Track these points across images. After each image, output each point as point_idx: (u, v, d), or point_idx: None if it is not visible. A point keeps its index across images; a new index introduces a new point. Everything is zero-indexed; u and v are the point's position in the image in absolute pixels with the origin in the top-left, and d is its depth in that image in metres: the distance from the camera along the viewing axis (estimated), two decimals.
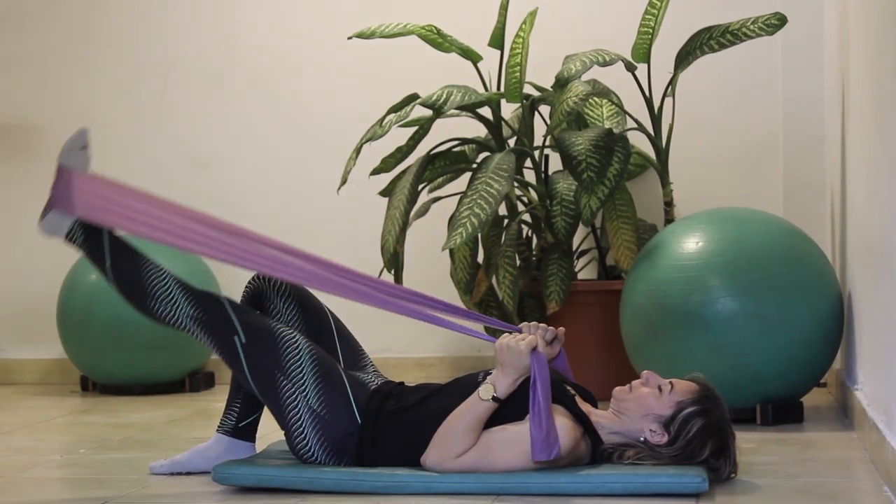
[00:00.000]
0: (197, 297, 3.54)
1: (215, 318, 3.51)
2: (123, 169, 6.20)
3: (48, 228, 3.58)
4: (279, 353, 3.47)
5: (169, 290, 3.53)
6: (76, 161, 3.54)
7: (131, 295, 3.56)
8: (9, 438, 4.52)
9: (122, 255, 3.55)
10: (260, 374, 3.47)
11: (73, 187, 3.44)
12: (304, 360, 3.48)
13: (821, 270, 4.50)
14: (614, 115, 5.43)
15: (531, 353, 3.31)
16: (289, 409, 3.45)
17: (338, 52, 5.98)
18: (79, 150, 3.55)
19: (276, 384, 3.46)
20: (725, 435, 3.37)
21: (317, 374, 3.47)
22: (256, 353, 3.48)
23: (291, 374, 3.46)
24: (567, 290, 5.04)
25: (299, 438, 3.45)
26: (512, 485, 3.28)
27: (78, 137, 3.57)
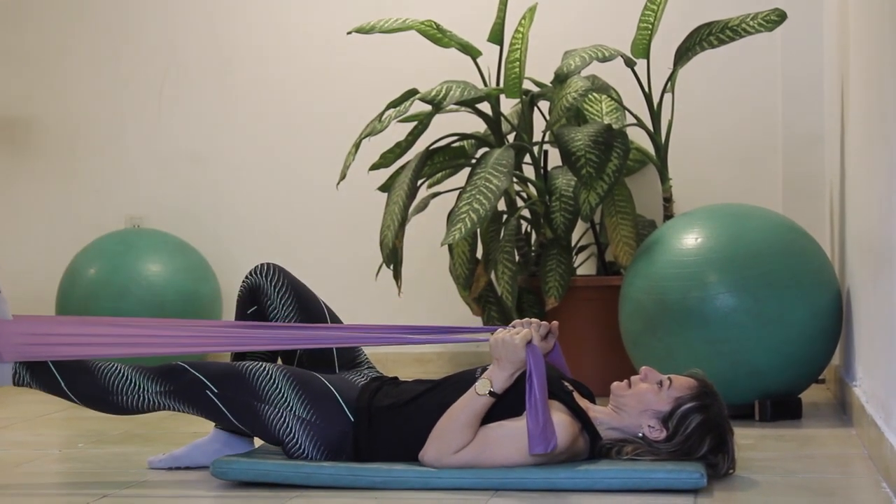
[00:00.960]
0: (158, 373, 3.59)
1: (182, 384, 3.54)
2: (122, 164, 6.21)
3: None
4: (254, 387, 3.49)
5: (127, 378, 3.57)
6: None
7: (97, 401, 3.58)
8: (7, 432, 4.52)
9: (71, 371, 3.56)
10: (243, 414, 3.50)
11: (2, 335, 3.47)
12: (279, 381, 3.49)
13: (820, 267, 4.49)
14: (613, 111, 5.43)
15: (526, 347, 3.31)
16: (278, 427, 3.46)
17: (337, 47, 5.98)
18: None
19: (261, 414, 3.48)
20: (724, 431, 3.37)
21: (296, 388, 3.48)
22: (233, 396, 3.50)
23: (271, 398, 3.48)
24: (566, 286, 5.04)
25: (294, 447, 3.45)
26: (510, 480, 3.28)
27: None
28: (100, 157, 6.25)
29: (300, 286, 3.73)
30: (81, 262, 5.76)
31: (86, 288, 5.66)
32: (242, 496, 3.31)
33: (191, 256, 5.84)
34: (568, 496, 3.22)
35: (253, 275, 3.73)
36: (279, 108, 6.12)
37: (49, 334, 3.52)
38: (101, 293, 5.62)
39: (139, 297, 5.63)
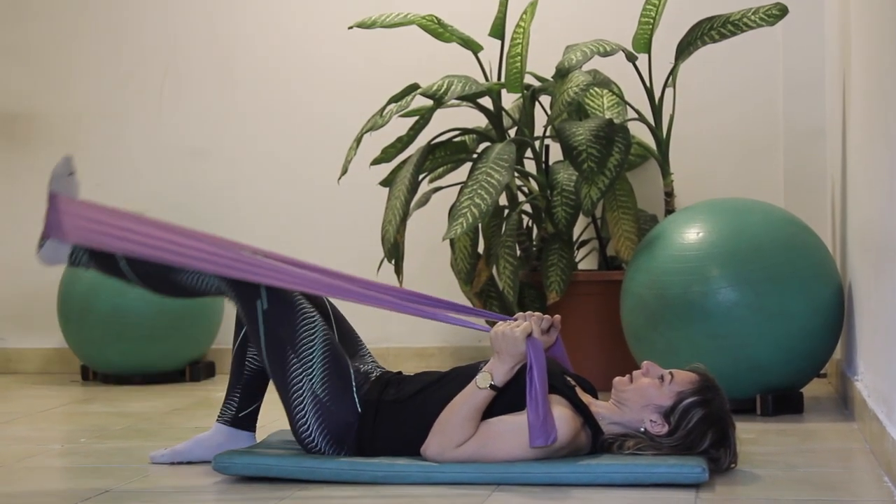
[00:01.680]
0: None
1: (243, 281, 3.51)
2: (124, 159, 6.21)
3: (47, 258, 3.61)
4: (295, 329, 3.48)
5: None
6: (65, 188, 3.58)
7: (157, 278, 3.56)
8: (9, 427, 4.52)
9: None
10: (273, 345, 3.48)
11: (63, 214, 3.49)
12: (317, 344, 3.48)
13: (821, 261, 4.49)
14: (615, 106, 5.43)
15: (527, 340, 3.32)
16: (294, 389, 3.45)
17: (338, 42, 5.97)
18: (66, 176, 3.59)
19: (286, 360, 3.46)
20: (725, 425, 3.38)
21: (326, 359, 3.47)
22: (274, 323, 3.48)
23: (302, 354, 3.46)
24: (567, 281, 5.04)
25: (301, 423, 3.45)
26: (512, 475, 3.28)
27: (63, 165, 3.62)
28: (101, 152, 6.25)
29: None
30: None
31: (87, 284, 5.66)
32: (244, 491, 3.31)
33: None
34: (570, 491, 3.22)
35: None
36: (280, 103, 6.12)
37: (113, 225, 3.49)
38: (102, 288, 5.62)
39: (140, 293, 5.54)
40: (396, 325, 5.86)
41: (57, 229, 3.53)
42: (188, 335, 5.76)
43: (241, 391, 3.70)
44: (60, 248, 3.59)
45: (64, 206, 3.53)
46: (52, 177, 3.58)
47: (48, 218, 3.56)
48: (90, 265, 3.59)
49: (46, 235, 3.58)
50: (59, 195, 3.56)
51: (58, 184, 3.58)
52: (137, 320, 5.61)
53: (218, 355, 5.97)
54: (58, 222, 3.52)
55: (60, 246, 3.58)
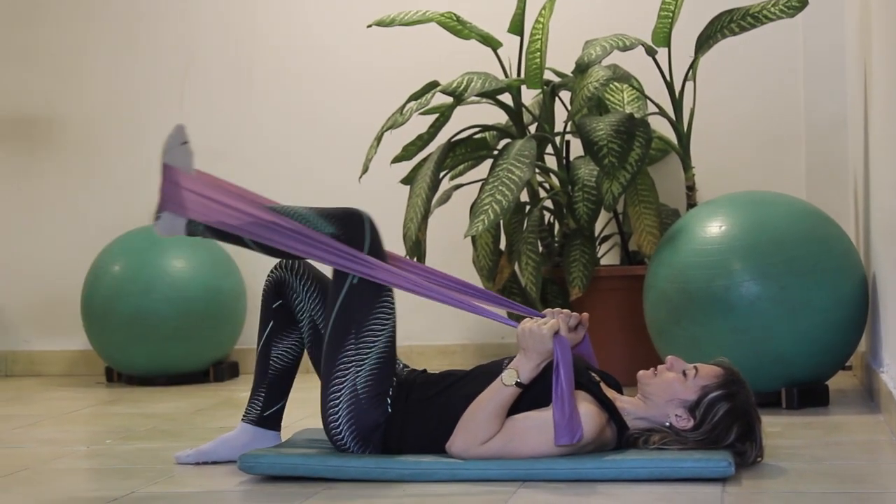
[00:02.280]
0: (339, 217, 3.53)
1: (347, 238, 3.49)
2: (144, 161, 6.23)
3: (164, 229, 3.56)
4: (368, 317, 3.46)
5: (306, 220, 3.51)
6: (179, 158, 3.54)
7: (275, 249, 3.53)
8: (35, 430, 4.53)
9: None
10: (341, 321, 3.47)
11: (180, 189, 3.48)
12: (381, 339, 3.47)
13: (845, 253, 4.48)
14: (635, 100, 5.42)
15: (554, 338, 3.31)
16: (336, 376, 3.44)
17: (358, 41, 5.98)
18: (179, 146, 3.55)
19: (345, 342, 3.45)
20: (751, 419, 3.37)
21: (380, 357, 3.46)
22: (355, 300, 3.46)
23: (363, 342, 3.45)
24: (590, 276, 5.04)
25: (333, 415, 3.43)
26: (537, 471, 3.28)
27: (175, 134, 3.56)
28: (122, 154, 6.26)
29: (325, 279, 3.73)
30: (105, 260, 5.78)
31: (110, 285, 5.68)
32: (270, 490, 3.32)
33: (214, 252, 5.85)
34: (595, 486, 3.22)
35: (278, 269, 3.73)
36: (299, 103, 6.12)
37: (229, 205, 3.49)
38: (126, 290, 5.63)
39: (163, 294, 5.64)
40: (419, 323, 5.85)
41: (174, 203, 3.50)
42: (212, 336, 5.77)
43: (267, 390, 3.70)
44: (176, 220, 3.56)
45: (177, 178, 3.50)
46: (164, 147, 3.54)
47: (162, 190, 3.53)
48: (208, 234, 3.56)
49: (162, 208, 3.55)
50: (172, 167, 3.54)
51: (171, 154, 3.54)
52: (161, 321, 5.62)
53: (241, 355, 5.98)
54: (173, 195, 3.49)
55: (176, 218, 3.56)
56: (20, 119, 6.32)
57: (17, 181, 6.32)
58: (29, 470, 3.71)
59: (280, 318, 3.70)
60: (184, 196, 3.48)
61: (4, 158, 6.33)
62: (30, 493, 3.40)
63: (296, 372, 3.73)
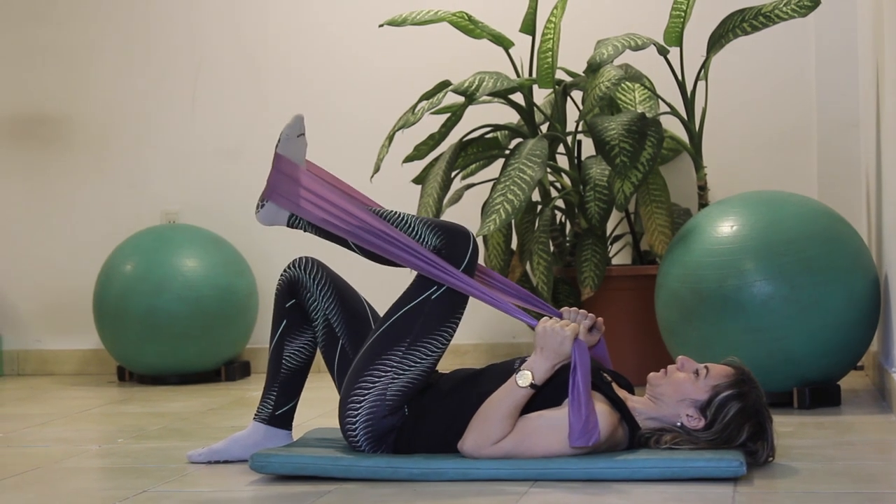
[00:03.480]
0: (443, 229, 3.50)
1: (447, 254, 3.47)
2: (156, 160, 6.24)
3: (266, 219, 3.58)
4: (427, 335, 3.44)
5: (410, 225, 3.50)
6: (293, 150, 3.56)
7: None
8: (47, 429, 4.54)
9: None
10: (402, 325, 3.45)
11: (290, 181, 3.50)
12: (429, 359, 3.44)
13: (856, 252, 4.47)
14: (647, 100, 5.42)
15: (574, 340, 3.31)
16: (369, 375, 3.42)
17: (369, 40, 5.98)
18: (296, 137, 3.56)
19: (394, 347, 3.43)
20: (762, 418, 3.36)
21: (420, 375, 3.44)
22: (424, 314, 3.44)
23: (412, 354, 3.43)
24: (601, 276, 5.03)
25: (351, 412, 3.42)
26: (549, 471, 3.28)
27: (294, 125, 3.58)
28: (135, 153, 6.27)
29: (338, 279, 3.73)
30: (118, 258, 5.78)
31: (122, 283, 5.69)
32: (281, 489, 3.32)
33: (226, 251, 5.86)
34: (607, 486, 3.22)
35: (291, 268, 3.72)
36: (311, 102, 6.12)
37: (335, 207, 3.49)
38: (138, 288, 5.64)
39: (176, 293, 5.65)
40: None
41: (278, 193, 3.52)
42: (223, 335, 5.78)
43: (279, 390, 3.70)
44: (280, 212, 3.57)
45: (288, 170, 3.51)
46: (281, 137, 3.55)
47: (270, 179, 3.54)
48: (309, 229, 3.57)
49: (266, 197, 3.56)
50: (285, 157, 3.54)
51: (286, 145, 3.55)
52: (173, 321, 5.63)
53: (253, 355, 5.99)
54: (280, 187, 3.51)
55: (280, 210, 3.57)
56: (33, 118, 6.33)
57: (29, 180, 6.33)
58: (40, 469, 3.72)
59: (293, 318, 3.70)
60: (292, 189, 3.49)
61: (17, 157, 6.34)
62: (41, 492, 3.40)
63: (308, 371, 3.73)
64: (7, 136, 6.35)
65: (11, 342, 6.34)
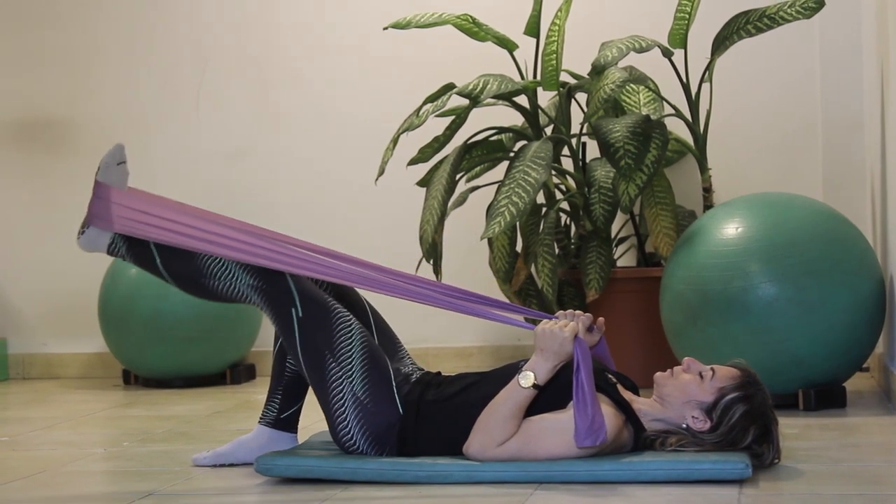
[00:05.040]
0: (257, 267, 3.55)
1: (275, 288, 3.52)
2: (161, 161, 6.24)
3: (87, 244, 3.62)
4: (332, 334, 3.48)
5: (225, 265, 3.55)
6: (114, 177, 3.60)
7: (187, 280, 3.58)
8: (52, 432, 4.54)
9: (170, 248, 3.57)
10: (310, 352, 3.48)
11: (110, 204, 3.52)
12: (355, 346, 3.48)
13: (862, 254, 4.47)
14: (651, 102, 5.42)
15: (573, 340, 3.31)
16: (333, 393, 3.45)
17: (374, 43, 5.98)
18: (116, 165, 3.61)
19: (325, 365, 3.47)
20: (768, 420, 3.36)
21: (365, 361, 3.47)
22: (311, 330, 3.49)
23: (341, 357, 3.46)
24: (606, 278, 5.03)
25: (342, 426, 3.45)
26: (555, 473, 3.28)
27: (115, 153, 3.63)
28: (139, 156, 6.25)
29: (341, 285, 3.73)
30: (122, 262, 5.78)
31: (127, 287, 5.69)
32: (287, 492, 3.32)
33: None
34: (613, 488, 3.22)
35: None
36: (315, 105, 6.13)
37: (157, 216, 3.53)
38: (143, 292, 5.64)
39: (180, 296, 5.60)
40: (435, 325, 5.86)
41: (100, 218, 3.56)
42: (228, 338, 5.78)
43: (283, 393, 3.70)
44: (101, 236, 3.60)
45: (110, 196, 3.55)
46: (101, 165, 3.59)
47: (92, 206, 3.58)
48: (127, 257, 3.61)
49: (88, 223, 3.60)
50: (104, 184, 3.57)
51: (105, 173, 3.59)
52: (178, 324, 5.63)
53: (258, 358, 5.99)
54: (101, 211, 3.55)
55: (101, 234, 3.60)
56: (37, 122, 6.33)
57: (34, 183, 6.33)
58: (46, 472, 3.72)
59: None
60: (111, 210, 3.53)
61: (21, 161, 6.35)
62: (47, 495, 3.40)
63: None
64: (12, 140, 6.36)
65: (17, 346, 6.35)
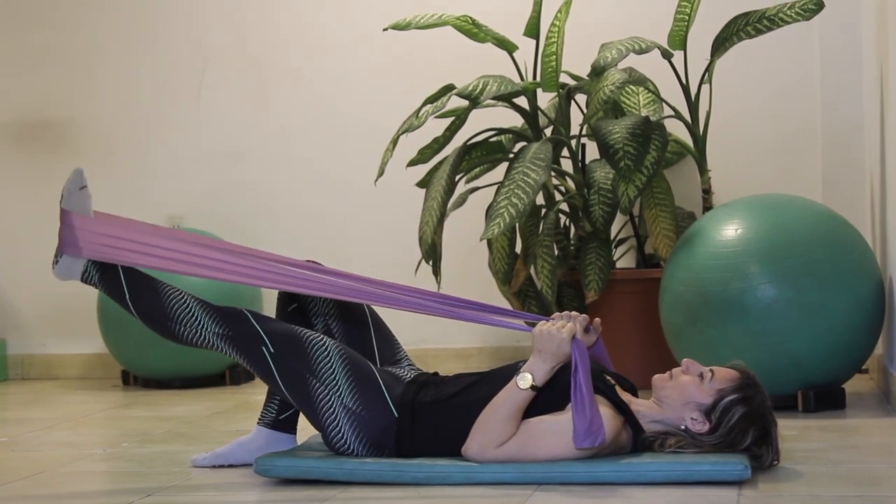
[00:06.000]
0: (220, 314, 3.58)
1: (241, 333, 3.54)
2: (161, 164, 6.24)
3: (61, 273, 3.62)
4: (309, 358, 3.48)
5: (191, 311, 3.57)
6: (77, 203, 3.60)
7: (155, 323, 3.60)
8: (52, 433, 4.54)
9: (139, 286, 3.59)
10: (292, 382, 3.49)
11: (77, 230, 3.53)
12: (335, 361, 3.48)
13: (861, 255, 4.47)
14: (651, 103, 5.42)
15: (571, 341, 3.31)
16: (323, 410, 3.46)
17: (373, 44, 5.98)
18: (77, 191, 3.61)
19: (309, 389, 3.47)
20: (767, 422, 3.36)
21: (348, 372, 3.48)
22: (286, 362, 3.49)
23: (323, 376, 3.47)
24: (606, 279, 5.03)
25: (337, 436, 3.45)
26: (553, 474, 3.28)
27: (74, 179, 3.64)
28: (139, 157, 6.28)
29: None
30: None
31: None
32: (286, 493, 3.32)
33: None
34: (612, 489, 3.22)
35: None
36: (315, 106, 6.13)
37: (125, 239, 3.54)
38: None
39: None
40: (434, 327, 5.85)
41: (70, 245, 3.57)
42: None
43: None
44: (74, 264, 3.60)
45: (75, 222, 3.56)
46: (63, 193, 3.61)
47: (61, 234, 3.60)
48: (100, 286, 3.61)
49: (60, 251, 3.60)
50: (69, 211, 3.58)
51: (69, 200, 3.60)
52: None
53: None
54: (70, 238, 3.56)
55: (74, 262, 3.60)
56: (37, 122, 6.33)
57: (34, 184, 6.33)
58: (45, 473, 3.72)
59: (295, 322, 3.71)
60: (78, 237, 3.54)
61: (22, 161, 6.35)
62: (46, 496, 3.40)
63: None
64: (12, 140, 6.36)
65: (16, 346, 6.35)
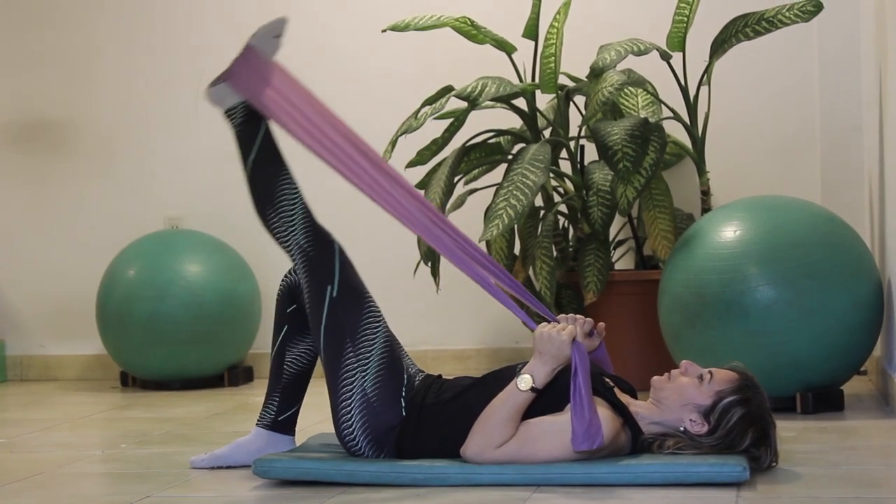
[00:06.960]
0: (315, 232, 3.58)
1: (320, 259, 3.54)
2: (159, 165, 6.24)
3: (213, 97, 3.64)
4: (359, 323, 3.47)
5: (294, 211, 3.57)
6: (266, 46, 3.60)
7: (259, 197, 3.62)
8: (50, 434, 4.54)
9: (268, 155, 3.59)
10: (333, 334, 3.48)
11: (252, 69, 3.53)
12: (378, 341, 3.48)
13: (860, 257, 4.47)
14: (650, 105, 5.42)
15: (572, 344, 3.31)
16: (344, 384, 3.44)
17: (372, 45, 5.98)
18: (272, 37, 3.60)
19: (343, 351, 3.46)
20: (766, 424, 3.36)
21: (383, 358, 3.47)
22: (339, 312, 3.48)
23: (360, 348, 3.46)
24: (604, 281, 5.03)
25: (346, 422, 3.44)
26: (552, 476, 3.28)
27: (275, 24, 3.66)
28: (138, 158, 6.28)
29: None
30: (121, 263, 5.78)
31: (125, 288, 5.69)
32: (284, 495, 3.32)
33: (229, 256, 5.86)
34: (610, 491, 3.22)
35: (292, 274, 3.73)
36: None
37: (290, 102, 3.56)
38: (141, 294, 5.64)
39: (179, 298, 5.65)
40: (433, 328, 5.86)
41: (237, 78, 3.55)
42: (226, 340, 5.78)
43: (281, 395, 3.70)
44: (230, 96, 3.60)
45: (254, 62, 3.54)
46: (257, 31, 3.59)
47: (235, 64, 3.59)
48: (235, 130, 3.63)
49: (225, 78, 3.59)
50: (255, 48, 3.56)
51: (260, 39, 3.59)
52: (176, 326, 5.63)
53: (256, 360, 5.99)
54: (242, 73, 3.55)
55: (231, 95, 3.59)
56: (36, 123, 6.33)
57: (32, 185, 6.33)
58: (44, 474, 3.72)
59: (294, 323, 3.71)
60: (251, 76, 3.51)
61: (20, 162, 6.35)
62: (45, 497, 3.40)
63: (310, 376, 3.73)
64: (11, 142, 6.36)
65: (15, 347, 6.35)
